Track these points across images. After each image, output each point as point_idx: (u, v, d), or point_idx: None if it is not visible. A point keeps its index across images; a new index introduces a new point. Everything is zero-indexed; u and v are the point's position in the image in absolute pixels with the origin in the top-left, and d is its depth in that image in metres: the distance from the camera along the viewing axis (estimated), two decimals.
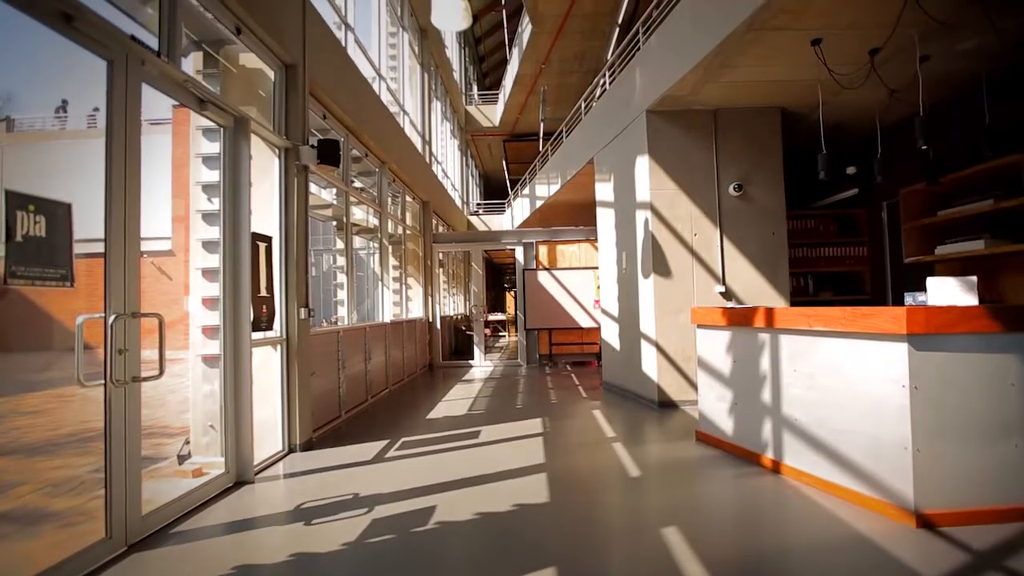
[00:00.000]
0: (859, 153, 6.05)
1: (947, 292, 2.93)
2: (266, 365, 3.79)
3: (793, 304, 5.41)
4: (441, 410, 5.46)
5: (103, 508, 2.21)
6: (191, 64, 3.46)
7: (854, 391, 2.67)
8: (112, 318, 2.22)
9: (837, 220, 6.53)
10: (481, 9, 15.96)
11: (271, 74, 3.90)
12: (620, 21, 10.10)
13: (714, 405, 3.75)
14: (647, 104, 5.13)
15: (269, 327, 3.67)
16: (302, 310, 3.98)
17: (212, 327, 3.33)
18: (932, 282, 2.99)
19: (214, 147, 3.34)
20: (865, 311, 2.58)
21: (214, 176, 3.33)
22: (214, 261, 3.32)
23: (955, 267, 4.98)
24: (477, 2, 15.44)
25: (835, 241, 6.44)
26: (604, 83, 6.95)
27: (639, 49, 5.45)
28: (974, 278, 2.90)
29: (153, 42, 2.57)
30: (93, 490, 3.51)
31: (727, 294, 5.20)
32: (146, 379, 2.37)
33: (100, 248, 2.28)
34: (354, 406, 5.39)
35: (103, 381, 2.21)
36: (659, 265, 5.16)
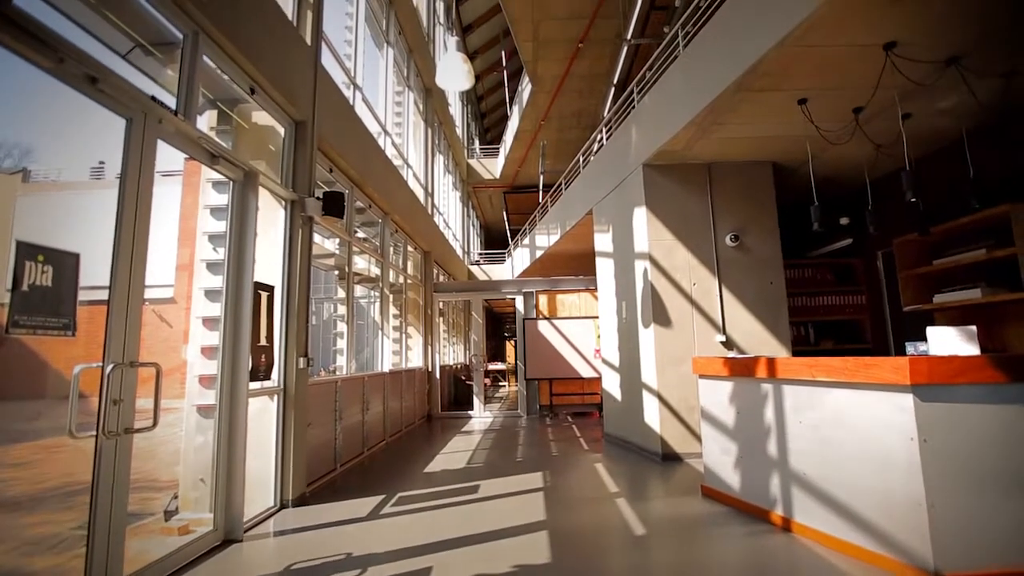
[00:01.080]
0: (851, 204, 6.20)
1: (948, 342, 2.92)
2: (262, 416, 3.72)
3: (795, 353, 5.38)
4: (439, 463, 5.30)
5: (83, 568, 2.11)
6: (206, 121, 3.62)
7: (862, 444, 2.61)
8: (110, 367, 2.21)
9: (834, 269, 6.60)
10: (483, 70, 16.83)
11: (281, 130, 4.06)
12: (615, 81, 10.61)
13: (719, 458, 3.65)
14: (643, 158, 5.31)
15: (267, 377, 3.64)
16: (301, 359, 3.95)
17: (209, 376, 3.30)
18: (932, 332, 2.99)
19: (223, 199, 3.44)
20: (867, 361, 2.57)
21: (221, 227, 3.41)
22: (215, 310, 3.33)
23: (954, 315, 4.99)
24: (479, 64, 16.31)
25: (833, 290, 6.48)
26: (601, 138, 7.22)
27: (634, 107, 5.71)
28: (973, 328, 2.90)
29: (171, 101, 2.70)
30: (75, 548, 3.36)
31: (728, 343, 5.18)
32: (139, 430, 2.33)
33: (102, 295, 2.30)
34: (350, 459, 5.25)
35: (95, 432, 2.17)
36: (659, 315, 5.17)
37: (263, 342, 3.57)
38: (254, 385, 3.42)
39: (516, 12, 9.01)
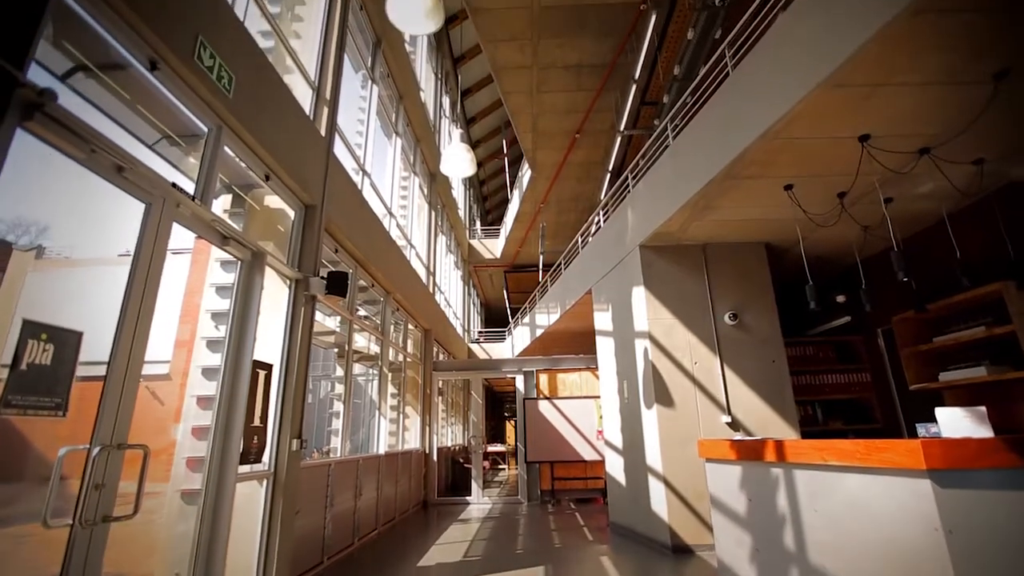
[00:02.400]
0: (846, 282, 6.31)
1: (959, 423, 2.85)
2: (248, 502, 3.53)
3: (804, 435, 5.21)
4: (434, 556, 4.95)
5: None
6: (220, 203, 3.79)
7: (884, 535, 2.45)
8: (96, 450, 2.14)
9: (835, 347, 6.56)
10: (485, 157, 17.83)
11: (291, 213, 4.23)
12: (610, 168, 11.22)
13: (733, 551, 3.41)
14: (639, 240, 5.49)
15: (258, 460, 3.50)
16: (294, 441, 3.82)
17: (197, 459, 3.18)
18: (941, 413, 2.92)
19: (229, 277, 3.51)
20: (879, 444, 2.49)
21: (224, 304, 3.45)
22: (211, 388, 3.28)
23: (963, 394, 4.90)
24: (482, 151, 17.32)
25: (836, 368, 6.40)
26: (599, 221, 7.50)
27: (629, 192, 5.99)
28: (983, 408, 2.84)
29: (190, 187, 2.85)
30: None
31: (734, 424, 5.03)
32: (118, 519, 2.21)
33: (97, 371, 2.28)
34: (339, 550, 4.90)
35: (71, 521, 2.06)
36: (661, 395, 5.08)
37: (257, 422, 3.47)
38: (243, 469, 3.29)
39: (516, 107, 9.74)
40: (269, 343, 3.88)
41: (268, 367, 3.68)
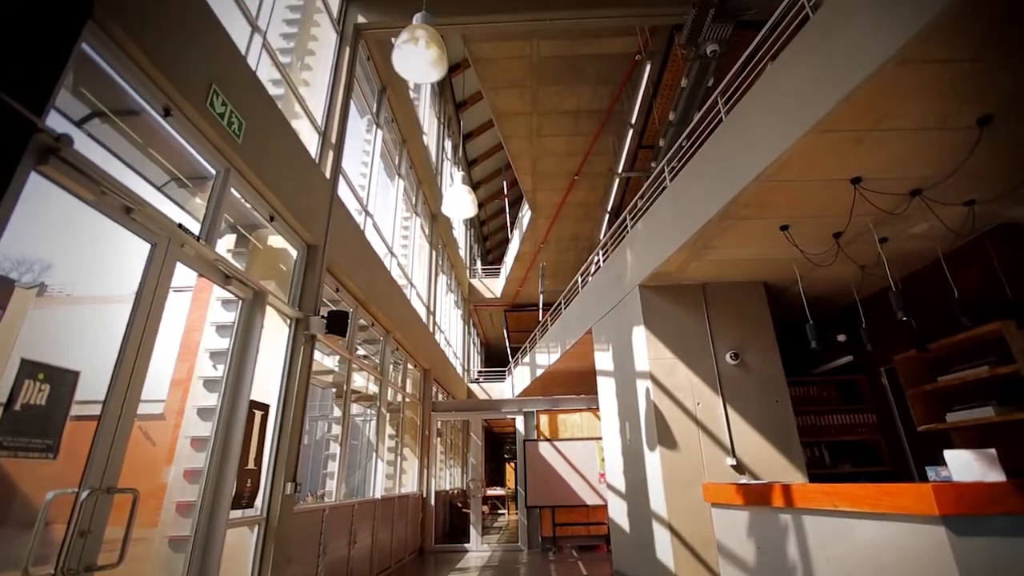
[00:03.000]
0: (845, 320, 6.29)
1: (969, 467, 2.78)
2: (238, 549, 3.40)
3: (811, 478, 5.07)
4: None
5: None
6: (224, 243, 3.84)
7: None
8: (85, 494, 2.09)
9: (838, 387, 6.48)
10: (486, 198, 18.16)
11: (294, 253, 4.28)
12: (609, 208, 11.42)
13: None
14: (639, 280, 5.52)
15: (250, 504, 3.40)
16: (288, 485, 3.73)
17: (188, 503, 3.09)
18: (950, 456, 2.86)
19: (229, 316, 3.52)
20: (889, 489, 2.43)
21: (223, 344, 3.44)
22: (206, 429, 3.23)
23: (971, 435, 4.80)
24: (482, 192, 17.65)
25: (841, 408, 6.30)
26: (598, 260, 7.57)
27: (628, 232, 6.07)
28: (993, 451, 2.78)
29: (196, 227, 2.90)
30: None
31: (739, 467, 4.91)
32: (102, 568, 2.13)
33: (91, 410, 2.25)
34: None
35: (52, 572, 1.98)
36: (664, 436, 4.98)
37: (251, 465, 3.40)
38: (235, 514, 3.19)
39: (517, 150, 10.01)
40: (267, 383, 3.84)
41: (265, 407, 3.63)
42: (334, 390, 6.57)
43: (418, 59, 3.52)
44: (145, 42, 2.39)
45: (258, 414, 3.50)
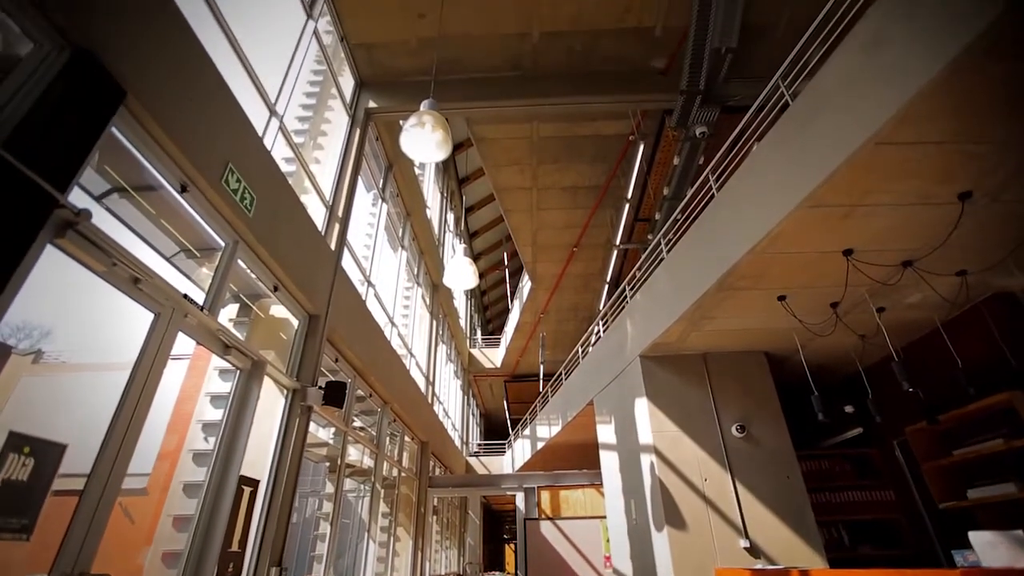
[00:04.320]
0: (850, 389, 6.17)
1: (996, 550, 2.63)
2: None
3: (832, 562, 4.75)
4: None
5: None
6: (226, 313, 3.87)
7: None
8: None
9: (850, 461, 6.24)
10: (487, 268, 18.48)
11: (295, 322, 4.30)
12: (608, 279, 11.59)
13: None
14: (639, 350, 5.49)
15: None
16: (273, 569, 3.49)
17: None
18: (976, 538, 2.71)
19: (225, 386, 3.47)
20: None
21: (217, 415, 3.37)
22: (190, 507, 3.08)
23: (996, 513, 4.55)
24: (483, 263, 17.99)
25: (857, 484, 6.02)
26: (598, 331, 7.57)
27: (627, 302, 6.13)
28: (1020, 532, 2.64)
29: (200, 297, 2.94)
30: None
31: (753, 550, 4.62)
32: None
33: (72, 484, 2.15)
34: None
35: None
36: (671, 515, 4.73)
37: (235, 547, 3.20)
38: None
39: (517, 223, 10.34)
40: (258, 456, 3.72)
41: (255, 483, 3.48)
42: (327, 464, 6.33)
43: (424, 141, 3.74)
44: (170, 124, 2.56)
45: (247, 490, 3.35)
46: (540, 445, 10.61)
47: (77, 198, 2.10)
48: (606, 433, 6.48)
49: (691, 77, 5.82)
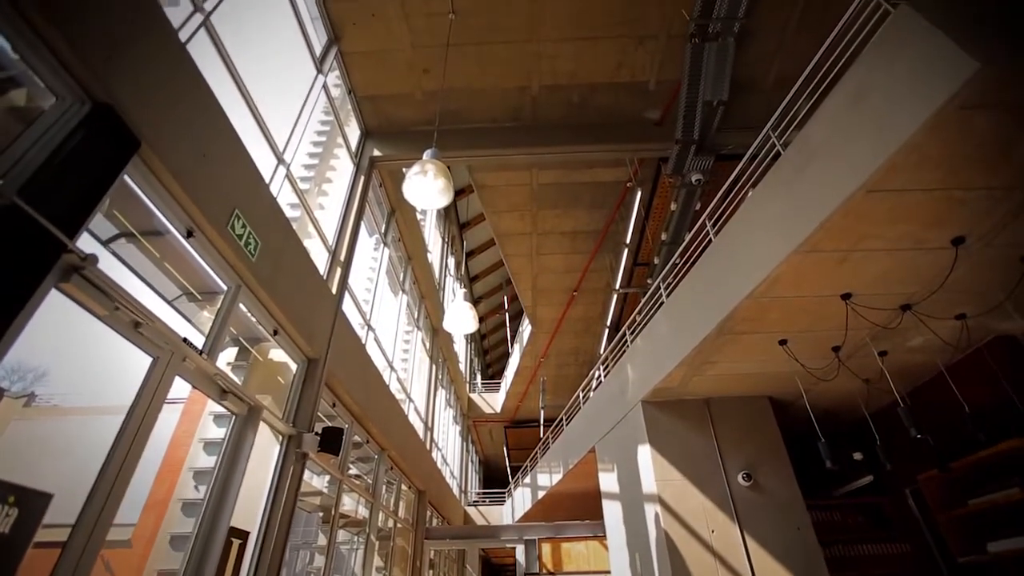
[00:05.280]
0: (858, 435, 6.03)
1: None
2: None
3: None
4: None
5: None
6: (225, 356, 3.84)
7: None
8: None
9: (862, 511, 6.01)
10: (487, 312, 18.48)
11: (293, 367, 4.27)
12: (608, 323, 11.57)
13: None
14: (641, 395, 5.41)
15: None
16: None
17: None
18: None
19: (219, 432, 3.40)
20: None
21: (209, 462, 3.29)
22: (176, 561, 2.95)
23: (1021, 569, 4.34)
24: (483, 307, 18.01)
25: (871, 537, 5.78)
26: (599, 375, 7.49)
27: (627, 347, 6.09)
28: None
29: (199, 341, 2.93)
30: None
31: None
32: None
33: (54, 535, 2.07)
34: None
35: None
36: (679, 570, 4.52)
37: None
38: None
39: (517, 268, 10.43)
40: (250, 505, 3.59)
41: (244, 535, 3.35)
42: (320, 514, 6.11)
43: (427, 189, 3.83)
44: (180, 172, 2.63)
45: (236, 543, 3.22)
46: (541, 494, 10.26)
47: (84, 242, 2.13)
48: (608, 482, 6.29)
49: (685, 128, 6.03)
